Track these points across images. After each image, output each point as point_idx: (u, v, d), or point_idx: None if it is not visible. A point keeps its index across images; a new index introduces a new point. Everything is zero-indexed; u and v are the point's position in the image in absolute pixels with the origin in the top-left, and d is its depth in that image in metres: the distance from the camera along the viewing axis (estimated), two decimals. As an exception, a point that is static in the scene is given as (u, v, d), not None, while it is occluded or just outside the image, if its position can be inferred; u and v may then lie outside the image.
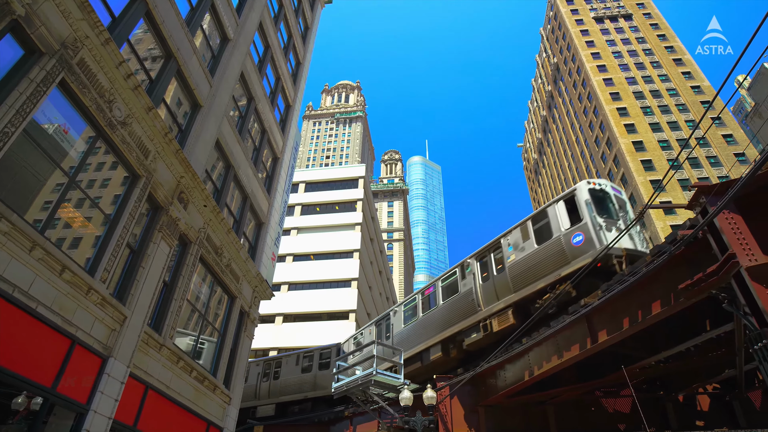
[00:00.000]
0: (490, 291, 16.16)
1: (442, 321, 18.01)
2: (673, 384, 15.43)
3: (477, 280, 16.95)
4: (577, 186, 14.92)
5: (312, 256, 52.61)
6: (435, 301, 18.98)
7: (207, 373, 12.59)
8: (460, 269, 18.01)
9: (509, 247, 15.99)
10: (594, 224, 13.52)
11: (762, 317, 6.97)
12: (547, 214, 15.22)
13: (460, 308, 17.30)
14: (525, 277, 14.91)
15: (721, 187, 8.03)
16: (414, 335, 19.48)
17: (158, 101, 11.11)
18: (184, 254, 12.03)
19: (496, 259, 16.49)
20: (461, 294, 17.40)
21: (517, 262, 15.30)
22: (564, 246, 14.03)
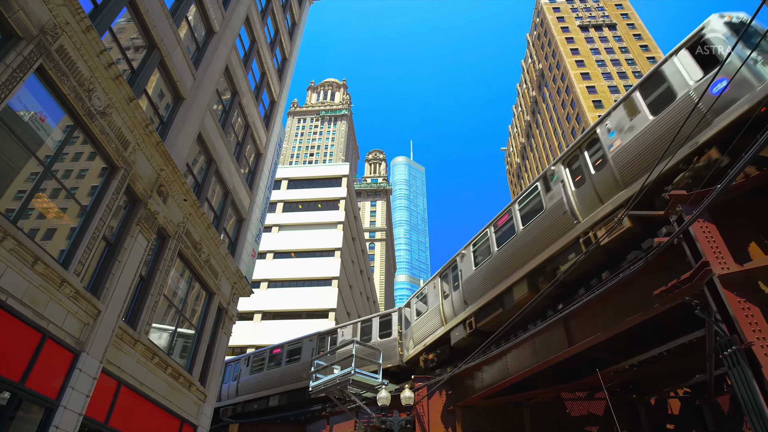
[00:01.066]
0: (589, 195, 12.15)
1: (525, 251, 14.08)
2: (645, 388, 15.80)
3: (568, 188, 12.92)
4: (706, 22, 10.41)
5: (293, 253, 52.28)
6: (513, 228, 14.80)
7: (183, 370, 12.41)
8: (542, 182, 14.03)
9: (610, 132, 12.05)
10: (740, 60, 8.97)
11: (732, 324, 7.15)
12: (662, 74, 10.90)
13: (547, 228, 13.33)
14: (639, 162, 10.80)
15: (697, 196, 8.22)
16: (489, 277, 15.45)
17: (140, 92, 10.89)
18: (162, 249, 11.82)
19: (593, 155, 12.60)
20: (548, 210, 13.28)
21: (625, 148, 11.10)
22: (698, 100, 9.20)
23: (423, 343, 18.86)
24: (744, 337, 6.89)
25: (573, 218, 12.38)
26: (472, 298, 16.10)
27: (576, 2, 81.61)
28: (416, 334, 19.55)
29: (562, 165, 13.48)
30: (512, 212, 14.99)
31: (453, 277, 17.85)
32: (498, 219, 15.77)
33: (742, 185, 8.03)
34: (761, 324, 6.96)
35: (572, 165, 13.24)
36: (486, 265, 15.53)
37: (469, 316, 16.07)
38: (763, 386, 6.55)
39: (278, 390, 24.72)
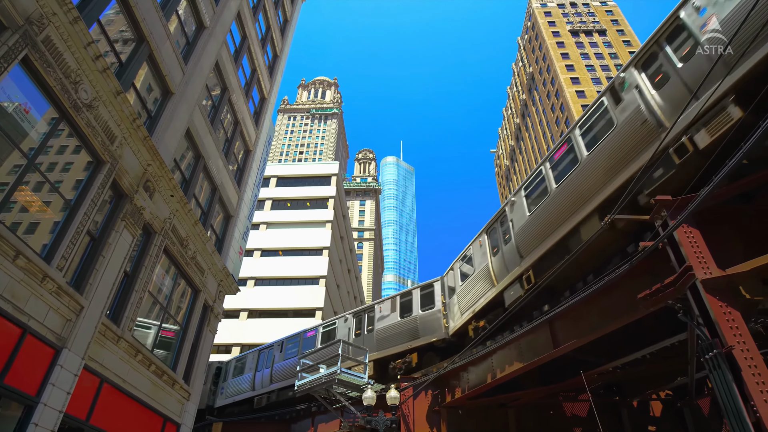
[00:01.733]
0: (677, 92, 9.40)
1: (593, 180, 11.13)
2: (628, 390, 16.00)
3: (647, 92, 10.05)
4: None
5: (281, 251, 52.04)
6: (575, 158, 11.91)
7: (166, 368, 12.28)
8: (610, 95, 11.20)
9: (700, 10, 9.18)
10: None
11: (714, 328, 7.27)
12: None
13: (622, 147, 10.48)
14: None
15: (682, 202, 8.34)
16: (549, 220, 12.63)
17: (127, 85, 10.75)
18: (148, 244, 11.68)
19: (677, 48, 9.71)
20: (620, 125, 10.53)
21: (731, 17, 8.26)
22: None
23: (471, 310, 16.20)
24: (725, 341, 7.00)
25: (657, 126, 9.78)
26: (528, 249, 13.35)
27: (567, 7, 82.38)
28: (463, 301, 17.01)
29: (634, 69, 10.80)
30: (572, 139, 12.14)
31: (502, 230, 15.12)
32: (554, 152, 13.03)
33: (725, 192, 8.16)
34: (742, 328, 7.08)
35: (648, 67, 10.59)
36: (543, 207, 12.74)
37: (525, 271, 13.29)
38: (742, 389, 6.67)
39: None
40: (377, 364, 20.45)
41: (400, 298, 20.99)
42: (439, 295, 19.17)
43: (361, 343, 21.04)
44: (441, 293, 19.21)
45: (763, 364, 6.76)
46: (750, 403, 6.49)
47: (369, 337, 20.61)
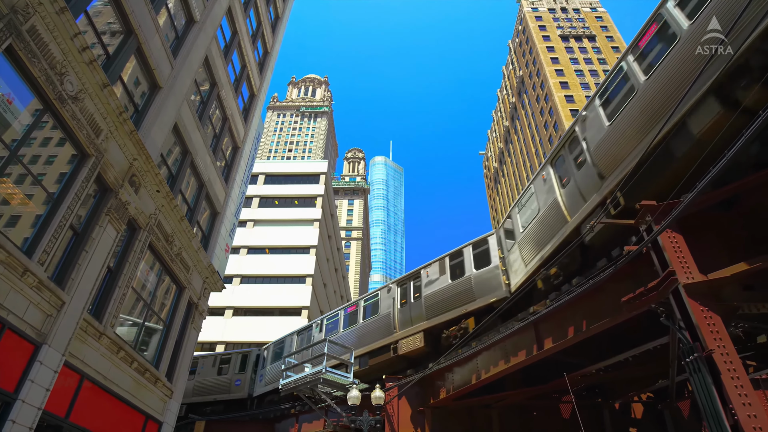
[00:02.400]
0: None
1: None
2: (610, 392, 16.20)
3: None
4: None
5: (267, 249, 51.72)
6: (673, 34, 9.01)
7: (149, 365, 12.13)
8: None
9: None
10: None
11: (695, 332, 7.39)
12: None
13: None
14: None
15: (666, 208, 8.46)
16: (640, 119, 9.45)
17: (114, 78, 10.59)
18: (132, 240, 11.52)
19: None
20: None
21: None
22: None
23: (540, 257, 13.30)
24: (705, 344, 7.12)
25: None
26: (611, 166, 10.28)
27: (558, 12, 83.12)
28: (526, 250, 14.39)
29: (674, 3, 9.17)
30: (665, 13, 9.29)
31: (573, 156, 12.23)
32: (639, 39, 10.14)
33: (709, 198, 8.29)
34: (722, 332, 7.21)
35: None
36: (631, 105, 9.75)
37: (610, 194, 10.23)
38: (721, 392, 6.79)
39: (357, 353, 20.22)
40: (428, 335, 17.63)
41: (450, 259, 18.21)
42: (496, 251, 16.73)
43: (409, 312, 18.63)
44: (498, 248, 16.79)
45: (741, 368, 6.88)
46: (729, 406, 6.61)
47: (416, 305, 18.32)
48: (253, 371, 26.69)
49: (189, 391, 25.75)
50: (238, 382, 25.96)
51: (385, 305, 20.06)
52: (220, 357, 27.59)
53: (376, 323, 20.02)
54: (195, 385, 26.66)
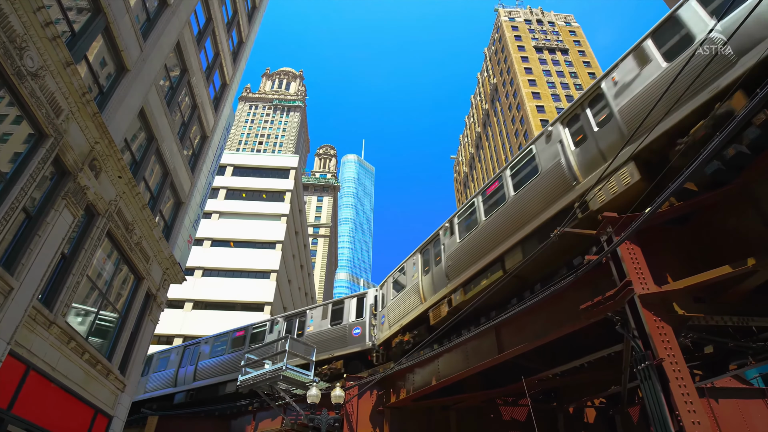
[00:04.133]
0: None
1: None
2: (565, 396, 16.67)
3: None
4: None
5: (232, 243, 50.76)
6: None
7: (101, 357, 11.69)
8: None
9: None
10: None
11: (647, 341, 7.69)
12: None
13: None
14: None
15: (626, 220, 8.76)
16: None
17: (79, 57, 10.16)
18: (90, 226, 11.07)
19: None
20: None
21: None
22: None
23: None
24: (657, 353, 7.41)
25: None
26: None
27: (534, 24, 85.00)
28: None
29: None
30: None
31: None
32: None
33: (667, 213, 8.63)
34: (672, 342, 7.52)
35: None
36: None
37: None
38: (669, 400, 7.07)
39: None
40: None
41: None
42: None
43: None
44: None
45: (689, 377, 7.19)
46: (675, 412, 6.89)
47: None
48: (373, 315, 22.48)
49: None
50: (357, 330, 21.29)
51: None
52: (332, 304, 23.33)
53: None
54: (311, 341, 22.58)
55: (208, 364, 24.71)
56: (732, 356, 11.70)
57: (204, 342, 26.20)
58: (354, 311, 20.63)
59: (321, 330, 21.13)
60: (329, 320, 21.13)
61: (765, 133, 7.17)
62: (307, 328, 21.39)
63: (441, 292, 15.18)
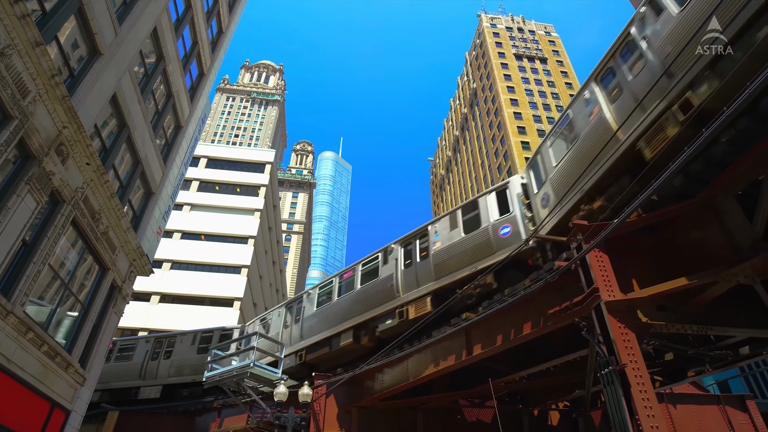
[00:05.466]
0: None
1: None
2: (530, 399, 17.00)
3: None
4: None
5: (203, 236, 49.79)
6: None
7: (61, 349, 11.28)
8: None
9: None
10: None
11: (611, 347, 7.90)
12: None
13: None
14: None
15: (596, 229, 8.98)
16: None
17: (50, 38, 9.77)
18: (54, 214, 10.67)
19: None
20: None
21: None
22: None
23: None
24: (620, 359, 7.62)
25: None
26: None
27: (515, 32, 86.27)
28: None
29: None
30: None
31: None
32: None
33: (634, 223, 8.88)
34: (635, 349, 7.74)
35: None
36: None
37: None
38: (630, 404, 7.28)
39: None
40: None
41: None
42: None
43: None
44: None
45: (649, 383, 7.42)
46: (635, 417, 7.10)
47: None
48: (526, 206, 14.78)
49: None
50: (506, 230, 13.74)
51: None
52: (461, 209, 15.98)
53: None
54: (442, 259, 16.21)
55: None
56: (691, 363, 12.13)
57: None
58: (496, 208, 14.11)
59: (453, 243, 14.79)
60: (461, 229, 14.85)
61: (731, 149, 7.45)
62: (433, 245, 15.49)
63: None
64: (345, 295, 17.42)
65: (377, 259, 16.91)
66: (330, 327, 17.58)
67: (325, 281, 18.92)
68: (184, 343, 25.20)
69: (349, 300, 17.09)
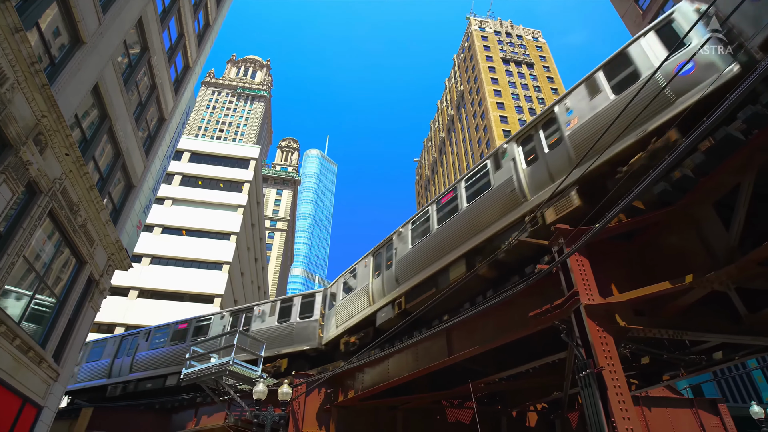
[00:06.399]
0: None
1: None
2: (509, 400, 17.16)
3: None
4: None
5: (184, 231, 49.13)
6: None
7: (34, 343, 11.01)
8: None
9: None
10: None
11: (590, 350, 8.01)
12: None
13: None
14: None
15: (577, 233, 9.10)
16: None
17: (30, 24, 9.52)
18: (30, 204, 10.40)
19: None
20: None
21: None
22: None
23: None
24: (597, 362, 7.73)
25: None
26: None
27: (503, 36, 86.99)
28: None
29: None
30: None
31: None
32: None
33: (615, 228, 9.03)
34: (613, 352, 7.86)
35: None
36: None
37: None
38: (606, 406, 7.39)
39: None
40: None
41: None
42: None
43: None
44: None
45: (626, 386, 7.54)
46: (611, 419, 7.20)
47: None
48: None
49: None
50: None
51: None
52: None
53: None
54: None
55: None
56: (666, 367, 12.39)
57: None
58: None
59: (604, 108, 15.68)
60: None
61: (709, 159, 7.62)
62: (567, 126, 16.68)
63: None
64: (448, 220, 13.81)
65: (485, 168, 13.49)
66: (433, 262, 13.95)
67: (419, 213, 15.82)
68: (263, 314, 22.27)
69: (455, 224, 13.49)
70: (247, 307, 22.47)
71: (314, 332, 19.24)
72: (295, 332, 19.70)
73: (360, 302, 17.04)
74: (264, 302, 21.89)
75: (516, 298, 10.68)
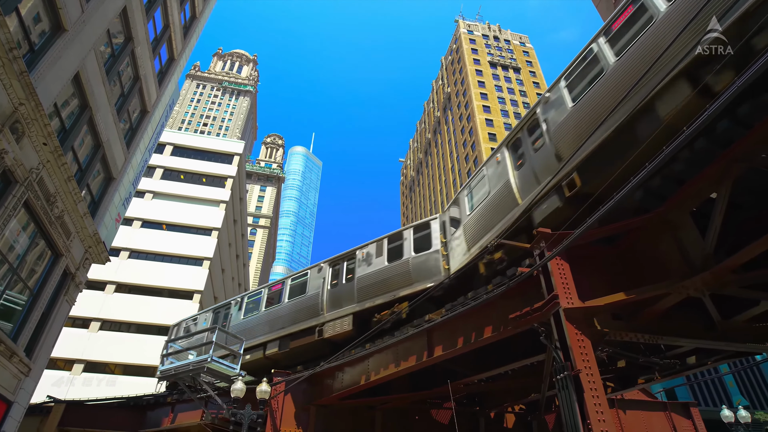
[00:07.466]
0: None
1: None
2: (488, 401, 17.31)
3: None
4: None
5: (165, 225, 48.36)
6: None
7: (5, 337, 10.72)
8: None
9: None
10: None
11: (568, 352, 8.12)
12: None
13: None
14: None
15: (559, 237, 9.21)
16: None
17: (9, 9, 9.26)
18: (5, 194, 10.12)
19: None
20: None
21: None
22: None
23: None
24: (575, 364, 7.84)
25: None
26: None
27: (490, 39, 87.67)
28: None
29: None
30: None
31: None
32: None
33: (595, 233, 9.16)
34: (590, 355, 7.98)
35: None
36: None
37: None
38: (582, 408, 7.50)
39: None
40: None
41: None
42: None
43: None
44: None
45: (602, 389, 7.66)
46: (587, 421, 7.31)
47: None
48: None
49: None
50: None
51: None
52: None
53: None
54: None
55: None
56: (641, 371, 12.62)
57: None
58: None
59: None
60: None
61: (688, 167, 7.78)
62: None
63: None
64: None
65: None
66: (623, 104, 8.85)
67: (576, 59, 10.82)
68: (367, 258, 18.47)
69: None
70: (347, 254, 18.54)
71: (437, 265, 15.36)
72: (412, 269, 15.85)
73: (501, 205, 12.43)
74: (366, 245, 18.06)
75: (497, 300, 10.77)
